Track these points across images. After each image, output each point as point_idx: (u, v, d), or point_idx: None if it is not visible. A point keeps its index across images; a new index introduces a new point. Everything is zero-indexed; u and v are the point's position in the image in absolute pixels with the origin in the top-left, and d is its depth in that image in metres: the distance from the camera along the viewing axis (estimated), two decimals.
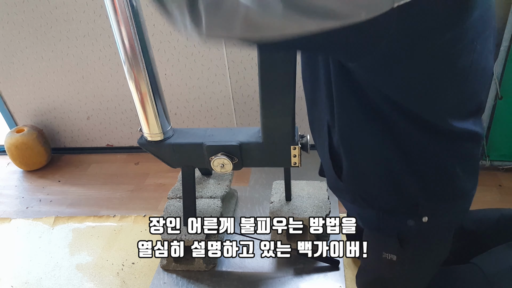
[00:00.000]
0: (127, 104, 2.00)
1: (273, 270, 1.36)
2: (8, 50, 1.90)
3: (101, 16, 1.74)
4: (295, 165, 1.21)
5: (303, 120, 1.92)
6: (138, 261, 1.44)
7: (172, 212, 1.42)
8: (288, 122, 1.12)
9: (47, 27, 1.80)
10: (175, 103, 1.96)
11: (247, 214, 1.61)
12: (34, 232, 1.64)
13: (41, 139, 2.04)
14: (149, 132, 1.21)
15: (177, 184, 1.57)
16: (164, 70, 1.86)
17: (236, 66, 1.79)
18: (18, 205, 1.84)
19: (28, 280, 1.42)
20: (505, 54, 1.50)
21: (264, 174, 1.86)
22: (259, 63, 1.00)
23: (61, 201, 1.84)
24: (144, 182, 1.92)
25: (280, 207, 1.37)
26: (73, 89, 1.99)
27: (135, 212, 1.71)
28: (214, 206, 1.43)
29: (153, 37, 1.76)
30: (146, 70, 1.09)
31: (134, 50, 1.05)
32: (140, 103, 1.15)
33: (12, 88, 2.03)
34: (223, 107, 1.94)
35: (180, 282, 1.35)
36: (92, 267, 1.44)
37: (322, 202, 1.39)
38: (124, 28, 1.01)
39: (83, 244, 1.55)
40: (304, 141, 1.19)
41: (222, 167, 1.22)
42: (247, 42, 0.64)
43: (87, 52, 1.86)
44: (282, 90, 1.05)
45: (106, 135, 2.15)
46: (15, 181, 2.03)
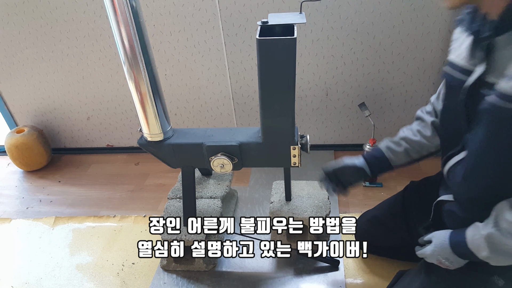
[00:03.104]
0: (127, 104, 2.01)
1: (273, 270, 1.36)
2: (9, 50, 1.91)
3: (101, 16, 1.74)
4: (295, 165, 1.21)
5: (303, 120, 1.92)
6: (138, 261, 1.44)
7: (172, 212, 1.42)
8: (288, 122, 1.12)
9: (47, 27, 1.80)
10: (175, 103, 1.96)
11: (247, 214, 1.61)
12: (34, 232, 1.65)
13: (41, 140, 2.04)
14: (149, 133, 1.21)
15: (177, 184, 1.57)
16: (164, 70, 1.86)
17: (236, 66, 1.79)
18: (18, 205, 1.84)
19: (28, 280, 1.42)
20: None
21: (264, 174, 1.86)
22: (259, 64, 1.00)
23: (61, 201, 1.84)
24: (144, 182, 1.92)
25: (280, 207, 1.37)
26: (73, 89, 1.99)
27: (135, 212, 1.71)
28: (214, 206, 1.43)
29: (153, 37, 1.76)
30: (146, 71, 1.09)
31: (134, 50, 1.05)
32: (140, 103, 1.15)
33: (12, 88, 2.03)
34: (223, 107, 1.94)
35: (180, 282, 1.35)
36: (92, 267, 1.44)
37: (322, 202, 1.39)
38: (124, 28, 1.01)
39: (83, 244, 1.56)
40: (304, 141, 1.19)
41: (222, 167, 1.22)
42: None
43: (87, 53, 1.86)
44: (282, 90, 1.05)
45: (106, 136, 2.15)
46: (15, 181, 2.03)
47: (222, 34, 1.71)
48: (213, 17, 1.67)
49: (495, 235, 0.82)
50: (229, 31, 1.70)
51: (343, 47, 1.69)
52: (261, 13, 1.64)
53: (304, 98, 1.85)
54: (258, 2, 1.62)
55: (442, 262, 0.93)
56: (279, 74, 1.01)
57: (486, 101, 0.75)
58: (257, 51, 0.97)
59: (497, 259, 0.84)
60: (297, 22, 0.99)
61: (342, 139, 1.97)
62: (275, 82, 1.03)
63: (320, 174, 1.22)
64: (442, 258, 0.92)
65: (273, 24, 1.00)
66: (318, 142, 1.99)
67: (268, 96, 1.06)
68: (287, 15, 1.04)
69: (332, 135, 1.96)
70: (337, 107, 1.86)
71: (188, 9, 1.67)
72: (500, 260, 0.85)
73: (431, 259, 0.96)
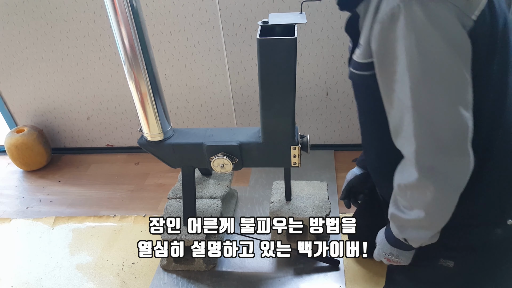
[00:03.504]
0: (127, 104, 2.00)
1: (273, 270, 1.36)
2: (8, 50, 1.90)
3: (101, 16, 1.74)
4: (295, 165, 1.21)
5: (303, 120, 1.92)
6: (138, 261, 1.44)
7: (172, 212, 1.42)
8: (288, 122, 1.11)
9: (47, 27, 1.80)
10: (175, 103, 1.96)
11: (247, 214, 1.61)
12: (34, 232, 1.64)
13: (41, 139, 2.04)
14: (149, 132, 1.21)
15: (177, 184, 1.57)
16: (164, 70, 1.86)
17: (236, 66, 1.79)
18: (18, 205, 1.84)
19: (28, 280, 1.42)
20: None
21: (264, 174, 1.86)
22: (259, 63, 1.00)
23: (61, 201, 1.84)
24: (144, 182, 1.92)
25: (280, 207, 1.37)
26: (73, 89, 1.99)
27: (135, 212, 1.71)
28: (214, 206, 1.42)
29: (153, 37, 1.76)
30: (146, 70, 1.09)
31: (134, 50, 1.05)
32: (140, 103, 1.15)
33: (12, 88, 2.03)
34: (223, 107, 1.94)
35: (180, 282, 1.35)
36: (92, 267, 1.44)
37: (322, 202, 1.39)
38: (124, 28, 1.01)
39: (83, 244, 1.55)
40: (304, 141, 1.19)
41: (222, 167, 1.22)
42: None
43: (87, 52, 1.86)
44: (282, 90, 1.05)
45: (106, 135, 2.15)
46: (15, 181, 2.03)
47: (222, 34, 1.71)
48: (213, 17, 1.67)
49: (394, 213, 0.83)
50: (229, 31, 1.70)
51: (343, 47, 1.69)
52: (261, 13, 1.64)
53: (304, 98, 1.85)
54: (258, 2, 1.61)
55: (390, 259, 0.92)
56: (279, 74, 1.01)
57: (349, 70, 0.85)
58: (257, 51, 0.97)
59: (411, 236, 0.83)
60: (297, 22, 0.99)
61: (342, 139, 1.97)
62: (276, 82, 1.03)
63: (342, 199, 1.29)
64: (388, 255, 0.92)
65: (274, 24, 1.00)
66: (318, 142, 1.99)
67: (268, 96, 1.06)
68: (287, 15, 1.04)
69: (332, 135, 1.96)
70: (337, 107, 1.86)
71: (188, 9, 1.67)
72: (414, 236, 0.82)
73: (381, 258, 0.96)
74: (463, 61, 0.67)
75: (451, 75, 0.66)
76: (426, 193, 0.73)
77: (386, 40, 0.69)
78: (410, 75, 0.67)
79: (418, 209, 0.77)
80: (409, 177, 0.75)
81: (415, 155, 0.71)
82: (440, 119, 0.68)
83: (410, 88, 0.68)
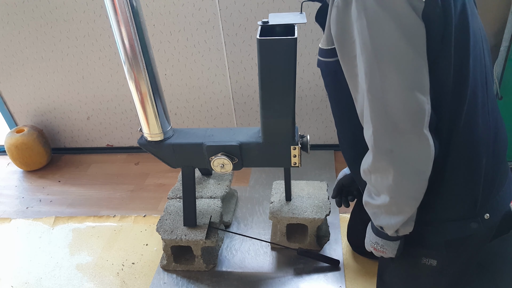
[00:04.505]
0: (127, 104, 2.00)
1: (273, 270, 1.36)
2: (8, 50, 1.90)
3: (101, 16, 1.74)
4: (295, 165, 1.21)
5: (303, 120, 1.92)
6: (138, 261, 1.44)
7: (172, 212, 1.42)
8: (288, 122, 1.12)
9: (47, 27, 1.80)
10: (175, 103, 1.96)
11: (247, 214, 1.61)
12: (34, 232, 1.64)
13: (41, 139, 2.04)
14: (149, 132, 1.21)
15: (177, 184, 1.57)
16: (164, 70, 1.86)
17: (236, 66, 1.79)
18: (18, 205, 1.84)
19: (28, 280, 1.42)
20: (505, 54, 1.50)
21: (264, 174, 1.86)
22: (259, 63, 1.00)
23: (61, 201, 1.84)
24: (144, 182, 1.92)
25: (280, 207, 1.37)
26: (73, 89, 1.99)
27: (135, 212, 1.71)
28: (214, 206, 1.43)
29: (153, 37, 1.76)
30: (146, 70, 1.09)
31: (134, 50, 1.05)
32: (140, 103, 1.15)
33: (12, 88, 2.03)
34: (223, 107, 1.94)
35: (180, 282, 1.35)
36: (92, 267, 1.44)
37: (322, 202, 1.39)
38: (124, 28, 1.01)
39: (83, 244, 1.55)
40: (304, 141, 1.19)
41: (222, 167, 1.22)
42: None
43: (87, 52, 1.86)
44: (282, 90, 1.05)
45: (106, 135, 2.15)
46: (15, 181, 2.03)
47: (222, 34, 1.71)
48: (213, 17, 1.67)
49: (367, 200, 0.84)
50: (229, 31, 1.70)
51: None
52: (261, 13, 1.64)
53: (304, 98, 1.85)
54: (258, 2, 1.61)
55: (376, 248, 0.92)
56: (279, 74, 1.01)
57: (317, 59, 0.85)
58: (257, 51, 0.97)
59: (384, 223, 0.82)
60: (297, 22, 0.99)
61: None
62: (276, 82, 1.03)
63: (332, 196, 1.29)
64: (374, 244, 0.92)
65: (274, 24, 1.00)
66: (318, 142, 1.99)
67: (268, 96, 1.06)
68: (287, 15, 1.04)
69: (332, 135, 1.96)
70: None
71: (188, 9, 1.67)
72: (386, 222, 0.82)
73: (368, 247, 0.96)
74: (416, 44, 0.66)
75: (403, 57, 0.66)
76: (388, 177, 0.74)
77: (343, 24, 0.70)
78: (363, 58, 0.68)
79: (384, 194, 0.78)
80: (369, 160, 0.76)
81: (373, 137, 0.72)
82: (394, 102, 0.68)
83: (364, 71, 0.68)
